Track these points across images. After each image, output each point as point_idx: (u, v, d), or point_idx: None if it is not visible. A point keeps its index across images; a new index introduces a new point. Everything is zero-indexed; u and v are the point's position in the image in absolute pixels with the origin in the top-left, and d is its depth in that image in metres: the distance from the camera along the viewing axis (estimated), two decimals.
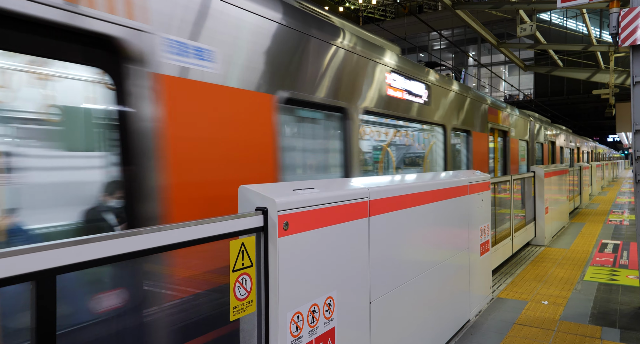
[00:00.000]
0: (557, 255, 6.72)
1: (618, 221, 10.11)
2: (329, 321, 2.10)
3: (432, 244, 3.31)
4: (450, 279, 3.61)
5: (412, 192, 2.98)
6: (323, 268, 2.08)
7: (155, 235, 1.44)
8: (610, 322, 3.94)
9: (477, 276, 4.22)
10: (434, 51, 44.22)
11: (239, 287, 1.70)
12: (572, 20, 32.34)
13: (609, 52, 12.28)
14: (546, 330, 3.77)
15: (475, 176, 4.26)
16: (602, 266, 5.97)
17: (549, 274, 5.61)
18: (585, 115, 39.38)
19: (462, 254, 3.86)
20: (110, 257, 1.31)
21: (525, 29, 10.64)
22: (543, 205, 7.78)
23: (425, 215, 3.18)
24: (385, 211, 2.63)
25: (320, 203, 2.06)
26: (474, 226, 4.17)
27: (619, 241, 7.61)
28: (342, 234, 2.22)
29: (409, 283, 2.90)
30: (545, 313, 4.20)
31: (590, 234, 8.46)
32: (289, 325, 1.84)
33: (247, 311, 1.75)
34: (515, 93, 39.23)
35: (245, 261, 1.73)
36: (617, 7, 4.44)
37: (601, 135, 50.26)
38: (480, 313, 4.21)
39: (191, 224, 1.55)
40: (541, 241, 7.69)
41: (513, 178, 6.86)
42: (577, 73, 14.80)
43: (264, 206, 1.82)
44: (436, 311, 3.35)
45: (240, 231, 1.71)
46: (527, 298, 4.64)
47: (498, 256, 5.89)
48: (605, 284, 5.12)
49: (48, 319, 1.14)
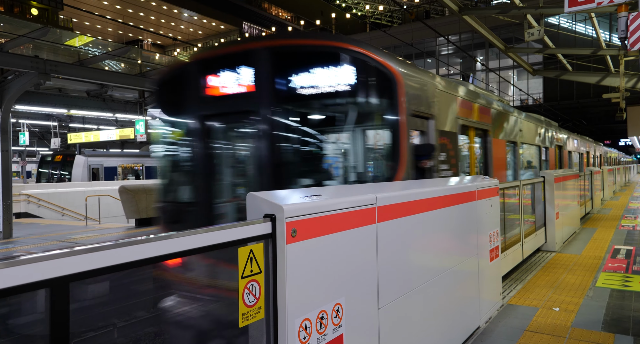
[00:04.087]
0: (569, 261, 6.64)
1: (631, 226, 9.96)
2: (338, 328, 2.11)
3: (440, 250, 3.30)
4: (459, 285, 3.59)
5: (420, 198, 2.98)
6: (331, 274, 2.09)
7: (165, 242, 1.47)
8: (623, 329, 3.88)
9: (487, 283, 4.19)
10: (441, 56, 44.15)
11: (248, 294, 1.72)
12: (581, 24, 32.11)
13: (619, 55, 12.17)
14: (558, 337, 3.73)
15: (483, 181, 4.24)
16: (614, 272, 5.88)
17: (560, 280, 5.54)
18: (596, 119, 38.93)
19: (471, 260, 3.84)
20: (121, 265, 1.34)
21: (533, 34, 10.60)
22: (553, 210, 7.70)
23: (434, 221, 3.18)
24: (393, 217, 2.64)
25: (328, 210, 2.07)
26: (483, 232, 4.14)
27: (631, 247, 7.50)
28: (350, 240, 2.23)
29: (417, 289, 2.89)
30: (557, 319, 4.15)
31: (602, 239, 8.34)
32: (297, 332, 1.85)
33: (255, 318, 1.76)
34: (524, 97, 38.96)
35: (254, 268, 1.75)
36: (626, 11, 4.43)
37: (612, 139, 49.61)
38: (491, 320, 4.17)
39: (200, 231, 1.57)
40: (552, 247, 7.60)
41: (522, 184, 6.81)
42: (586, 77, 14.68)
43: (272, 213, 1.83)
44: (445, 318, 3.33)
45: (249, 239, 1.73)
46: (538, 305, 4.59)
47: (508, 262, 5.83)
48: (617, 290, 5.05)
49: (62, 325, 1.17)
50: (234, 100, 4.06)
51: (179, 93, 4.47)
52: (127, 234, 10.27)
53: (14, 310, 3.73)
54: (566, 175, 8.76)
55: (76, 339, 3.59)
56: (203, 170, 4.26)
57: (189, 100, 4.36)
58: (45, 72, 9.60)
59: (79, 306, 3.92)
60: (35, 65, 9.47)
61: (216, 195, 4.25)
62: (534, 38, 10.65)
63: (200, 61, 4.42)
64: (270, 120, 3.85)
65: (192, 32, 72.29)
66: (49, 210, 15.99)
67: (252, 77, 3.96)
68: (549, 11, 9.12)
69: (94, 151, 22.20)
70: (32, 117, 17.33)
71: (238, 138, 4.57)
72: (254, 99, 3.93)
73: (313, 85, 3.78)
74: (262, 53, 3.94)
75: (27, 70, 9.39)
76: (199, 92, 4.24)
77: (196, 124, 4.29)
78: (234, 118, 4.27)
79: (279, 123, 3.87)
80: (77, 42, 12.00)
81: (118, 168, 21.68)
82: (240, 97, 4.00)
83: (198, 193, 4.29)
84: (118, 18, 59.42)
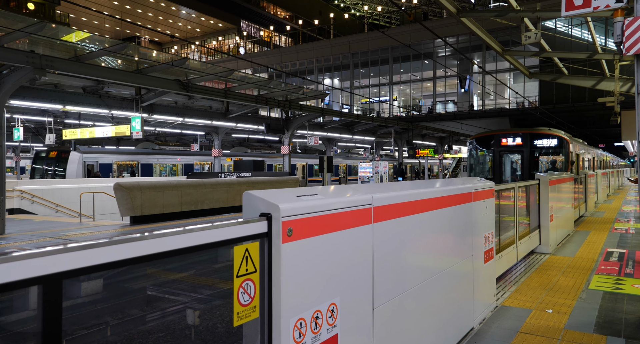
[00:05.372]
0: (562, 263, 6.68)
1: (624, 229, 10.03)
2: (332, 328, 2.11)
3: (435, 251, 3.30)
4: (454, 286, 3.60)
5: (416, 199, 2.99)
6: (326, 274, 2.08)
7: (160, 240, 1.46)
8: (615, 331, 3.91)
9: (481, 284, 4.20)
10: (439, 58, 44.25)
11: (243, 293, 1.71)
12: (577, 28, 32.30)
13: (614, 60, 12.25)
14: (550, 339, 3.75)
15: (479, 183, 4.26)
16: (607, 274, 5.92)
17: (553, 282, 5.57)
18: (591, 123, 39.19)
19: (466, 261, 3.85)
20: (114, 262, 1.33)
21: (530, 37, 10.64)
22: (548, 212, 7.74)
23: (429, 222, 3.19)
24: (389, 218, 2.64)
25: (324, 210, 2.07)
26: (478, 233, 4.16)
27: (624, 250, 7.55)
28: (345, 240, 2.23)
29: (412, 290, 2.90)
30: (550, 321, 4.17)
31: (595, 242, 8.40)
32: (292, 331, 1.85)
33: (250, 317, 1.75)
34: (520, 100, 39.13)
35: (249, 267, 1.75)
36: (622, 16, 4.46)
37: (607, 143, 49.93)
38: (484, 321, 4.19)
39: (196, 229, 1.56)
40: (546, 249, 7.64)
41: (517, 186, 6.83)
42: (582, 81, 14.76)
43: (268, 212, 1.83)
44: (440, 319, 3.33)
45: (245, 237, 1.72)
46: (532, 306, 4.61)
47: (502, 264, 5.85)
48: (610, 293, 5.08)
49: (55, 322, 1.16)
50: (512, 147, 13.90)
51: (487, 142, 14.31)
52: (122, 231, 10.21)
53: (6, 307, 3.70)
54: (560, 178, 8.81)
55: (68, 337, 3.57)
56: (499, 166, 13.98)
57: (495, 145, 14.11)
58: (40, 67, 9.52)
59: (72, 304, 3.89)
60: (30, 60, 9.39)
61: (505, 175, 14.00)
62: (530, 41, 10.69)
63: (506, 134, 13.94)
64: (527, 153, 13.55)
65: (190, 30, 72.03)
66: (43, 206, 15.88)
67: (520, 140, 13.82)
68: (546, 15, 9.16)
69: (89, 147, 22.05)
70: (27, 112, 17.19)
71: (513, 157, 14.07)
72: (521, 147, 13.74)
73: (542, 144, 13.49)
74: (524, 134, 13.77)
75: (22, 65, 9.31)
76: (499, 142, 14.02)
77: (497, 152, 14.08)
78: (512, 151, 13.96)
79: (531, 155, 13.56)
80: (73, 38, 11.91)
81: (113, 165, 21.56)
82: (515, 147, 13.84)
83: (498, 174, 13.97)
84: (115, 14, 59.10)
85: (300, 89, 18.30)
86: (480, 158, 14.73)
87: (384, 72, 48.05)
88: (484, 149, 14.50)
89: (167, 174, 23.94)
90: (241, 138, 29.51)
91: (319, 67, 52.12)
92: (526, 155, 13.58)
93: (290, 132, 19.76)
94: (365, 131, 26.89)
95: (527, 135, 13.64)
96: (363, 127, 25.67)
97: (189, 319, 3.61)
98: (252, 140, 30.64)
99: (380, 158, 33.69)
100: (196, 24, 69.84)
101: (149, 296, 4.37)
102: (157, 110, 16.43)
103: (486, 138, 14.52)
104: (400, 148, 30.20)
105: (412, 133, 29.42)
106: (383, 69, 48.01)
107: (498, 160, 14.01)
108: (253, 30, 73.60)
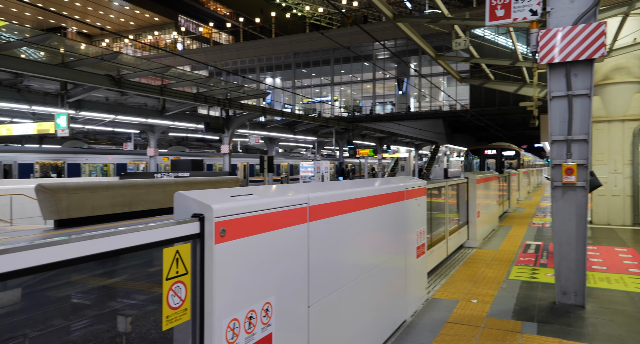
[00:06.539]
0: (487, 256, 7.18)
1: (541, 223, 10.98)
2: (267, 327, 2.13)
3: (370, 248, 3.43)
4: (388, 281, 3.76)
5: (351, 198, 3.09)
6: (261, 273, 2.10)
7: (87, 242, 1.41)
8: (529, 317, 4.29)
9: (414, 278, 4.43)
10: (378, 60, 45.57)
11: (173, 295, 1.69)
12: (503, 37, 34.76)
13: (533, 67, 13.35)
14: (474, 327, 4.04)
15: (412, 182, 4.48)
16: (525, 265, 6.47)
17: (479, 274, 5.99)
18: (515, 125, 42.35)
19: (399, 257, 4.04)
20: (37, 267, 1.26)
21: (460, 43, 11.33)
22: (475, 209, 8.29)
23: (364, 220, 3.31)
24: (324, 216, 2.71)
25: (259, 209, 2.09)
26: (411, 230, 4.37)
27: (540, 242, 8.28)
28: (281, 240, 2.26)
29: (347, 286, 2.99)
30: (474, 310, 4.49)
31: (516, 236, 9.12)
32: (224, 332, 1.85)
33: (180, 320, 1.73)
34: (453, 103, 41.35)
35: (180, 269, 1.73)
36: (537, 28, 4.89)
37: (528, 144, 54.25)
38: (416, 313, 4.42)
39: (126, 231, 1.52)
40: (473, 244, 8.18)
41: (448, 184, 7.25)
42: (506, 86, 15.93)
43: (201, 213, 1.82)
44: (374, 313, 3.47)
45: (176, 239, 1.70)
46: (459, 298, 4.93)
47: (434, 259, 6.19)
48: (527, 282, 5.56)
49: None
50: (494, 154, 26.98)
51: (480, 152, 27.32)
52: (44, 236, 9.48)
53: None
54: (487, 176, 9.46)
55: None
56: (483, 165, 26.97)
57: (480, 153, 27.36)
58: None
59: None
60: None
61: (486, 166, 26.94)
62: (460, 47, 11.39)
63: (487, 148, 27.36)
64: (500, 156, 26.77)
65: (124, 23, 68.19)
66: None
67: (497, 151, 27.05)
68: (473, 23, 9.79)
69: (6, 146, 20.18)
70: None
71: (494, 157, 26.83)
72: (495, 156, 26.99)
73: (507, 153, 26.79)
74: (497, 148, 27.17)
75: None
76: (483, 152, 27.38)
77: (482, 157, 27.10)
78: (493, 155, 26.95)
79: (500, 159, 26.91)
80: None
81: (35, 165, 19.92)
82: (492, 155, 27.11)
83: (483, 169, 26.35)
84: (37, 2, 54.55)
85: (241, 88, 18.04)
86: (472, 160, 27.27)
87: (325, 73, 48.65)
88: (475, 155, 27.22)
89: (97, 174, 22.53)
90: (179, 137, 28.50)
91: (261, 65, 51.65)
92: (498, 159, 26.36)
93: (230, 131, 19.41)
94: (307, 131, 27.08)
95: (499, 149, 26.54)
96: (305, 126, 25.83)
97: (120, 326, 3.45)
98: (190, 139, 29.72)
99: (322, 158, 34.10)
100: (130, 17, 66.28)
101: (75, 304, 4.12)
102: (86, 106, 15.41)
103: (476, 149, 27.52)
104: (341, 148, 30.76)
105: (352, 134, 30.08)
106: (324, 70, 48.59)
107: (482, 162, 26.75)
108: (192, 26, 71.27)
